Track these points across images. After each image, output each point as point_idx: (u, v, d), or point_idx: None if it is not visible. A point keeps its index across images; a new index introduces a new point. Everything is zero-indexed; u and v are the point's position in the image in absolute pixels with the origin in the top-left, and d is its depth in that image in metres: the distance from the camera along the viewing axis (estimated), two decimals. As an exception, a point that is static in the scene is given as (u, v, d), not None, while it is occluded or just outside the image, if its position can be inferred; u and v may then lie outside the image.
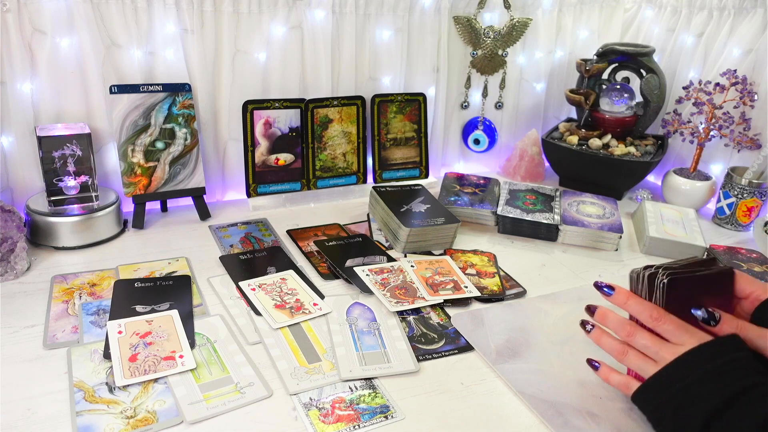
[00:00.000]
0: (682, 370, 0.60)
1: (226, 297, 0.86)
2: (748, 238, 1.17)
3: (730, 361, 0.58)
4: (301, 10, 1.14)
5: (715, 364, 0.58)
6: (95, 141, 1.05)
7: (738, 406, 0.55)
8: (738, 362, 0.58)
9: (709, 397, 0.57)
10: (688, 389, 0.58)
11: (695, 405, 0.57)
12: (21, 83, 0.98)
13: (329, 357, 0.74)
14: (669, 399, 0.59)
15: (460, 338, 0.80)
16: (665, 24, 1.41)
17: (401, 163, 1.31)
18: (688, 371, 0.59)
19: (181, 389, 0.67)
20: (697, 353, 0.60)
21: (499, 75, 1.40)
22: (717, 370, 0.58)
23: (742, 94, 1.20)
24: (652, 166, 1.28)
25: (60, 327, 0.77)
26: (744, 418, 0.54)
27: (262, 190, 1.18)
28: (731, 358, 0.58)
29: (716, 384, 0.57)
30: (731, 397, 0.55)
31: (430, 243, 1.03)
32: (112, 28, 1.01)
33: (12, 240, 0.88)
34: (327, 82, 1.21)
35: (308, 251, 1.02)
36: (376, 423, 0.64)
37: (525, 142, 1.42)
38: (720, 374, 0.57)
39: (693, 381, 0.58)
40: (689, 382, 0.58)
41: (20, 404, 0.64)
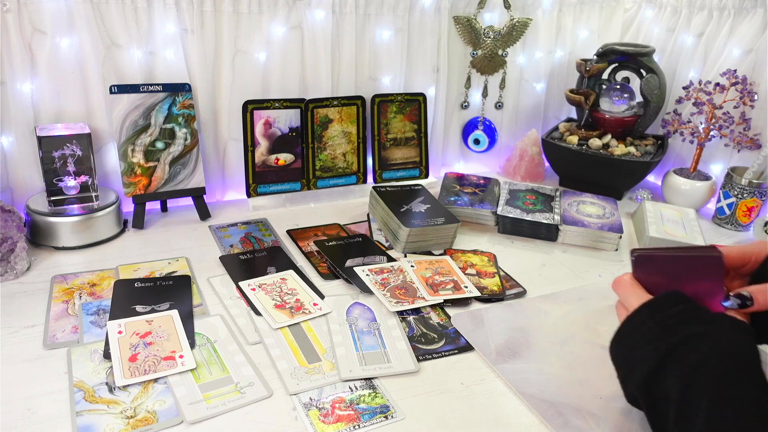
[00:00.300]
0: (624, 337, 0.61)
1: (226, 297, 0.86)
2: (748, 238, 1.17)
3: (662, 320, 0.58)
4: (301, 10, 1.14)
5: (648, 326, 0.59)
6: (95, 141, 1.05)
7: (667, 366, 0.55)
8: (671, 319, 0.58)
9: (642, 361, 0.57)
10: (630, 356, 0.59)
11: (636, 370, 0.58)
12: (21, 83, 0.98)
13: (329, 357, 0.74)
14: (619, 369, 0.61)
15: (460, 338, 0.80)
16: (665, 24, 1.41)
17: (401, 163, 1.31)
18: (627, 338, 0.61)
19: (181, 389, 0.67)
20: (631, 319, 0.61)
21: (499, 75, 1.40)
22: (650, 332, 0.58)
23: (742, 94, 1.20)
24: (652, 166, 1.28)
25: (60, 327, 0.77)
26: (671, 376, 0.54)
27: (262, 190, 1.18)
28: (663, 317, 0.58)
29: (649, 347, 0.57)
30: (660, 358, 0.56)
31: (430, 243, 1.04)
32: (112, 28, 1.01)
33: (12, 240, 0.88)
34: (327, 82, 1.21)
35: (308, 251, 1.02)
36: (376, 423, 0.64)
37: (525, 142, 1.42)
38: (654, 334, 0.58)
39: (631, 348, 0.59)
40: (630, 348, 0.60)
41: (20, 404, 0.64)
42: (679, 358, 0.55)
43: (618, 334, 0.62)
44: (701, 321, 0.57)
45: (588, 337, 0.80)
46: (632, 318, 0.61)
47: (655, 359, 0.56)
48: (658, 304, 0.60)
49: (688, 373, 0.53)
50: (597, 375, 0.72)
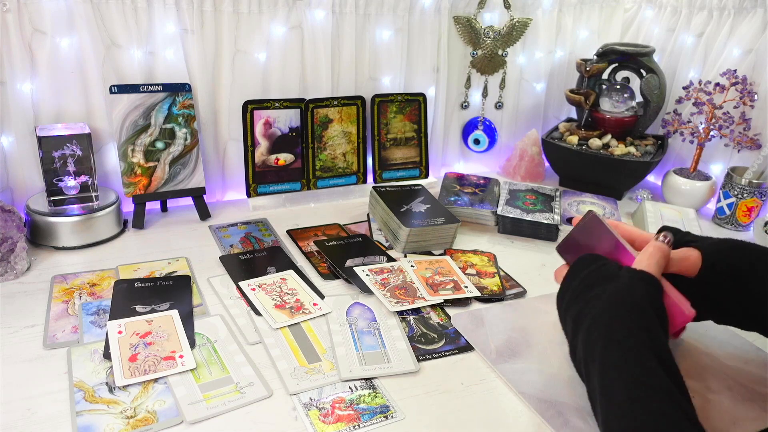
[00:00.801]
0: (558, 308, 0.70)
1: (226, 297, 0.86)
2: (748, 238, 1.17)
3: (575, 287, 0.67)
4: (301, 10, 1.14)
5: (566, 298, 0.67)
6: (95, 141, 1.05)
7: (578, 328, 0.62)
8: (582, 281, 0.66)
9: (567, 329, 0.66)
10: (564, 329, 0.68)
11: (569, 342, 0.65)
12: (21, 83, 0.98)
13: (329, 357, 0.74)
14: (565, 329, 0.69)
15: (460, 338, 0.80)
16: (665, 24, 1.41)
17: (401, 163, 1.31)
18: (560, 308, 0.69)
19: (181, 389, 0.67)
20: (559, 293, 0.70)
21: (499, 75, 1.40)
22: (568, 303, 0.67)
23: (742, 94, 1.20)
24: (652, 166, 1.28)
25: (60, 327, 0.77)
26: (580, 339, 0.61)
27: (262, 190, 1.18)
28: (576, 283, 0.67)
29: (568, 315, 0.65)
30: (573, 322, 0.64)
31: (430, 243, 1.04)
32: (112, 28, 1.01)
33: (12, 240, 0.88)
34: (327, 82, 1.21)
35: (308, 251, 1.02)
36: (376, 423, 0.64)
37: (525, 142, 1.42)
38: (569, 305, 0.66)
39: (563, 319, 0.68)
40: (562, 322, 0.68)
41: (20, 404, 0.64)
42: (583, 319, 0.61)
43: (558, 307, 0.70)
44: (606, 278, 0.64)
45: None
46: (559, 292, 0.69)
47: (572, 326, 0.63)
48: (572, 271, 0.68)
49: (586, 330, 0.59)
50: None
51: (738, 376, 0.73)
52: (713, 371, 0.74)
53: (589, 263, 0.68)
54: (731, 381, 0.73)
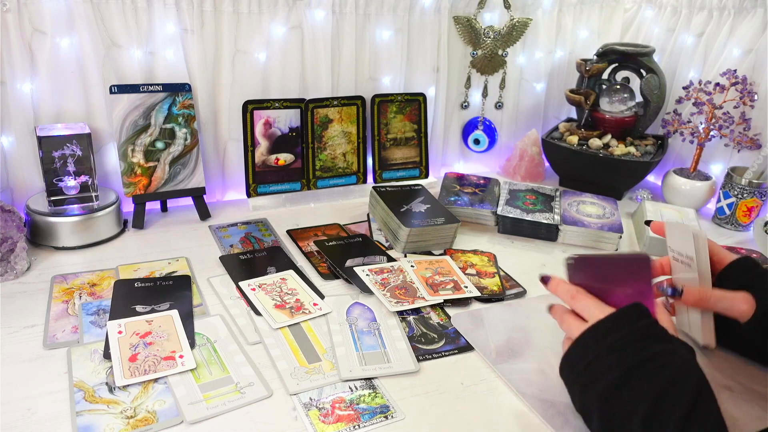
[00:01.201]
0: (585, 347, 0.61)
1: (226, 297, 0.86)
2: (748, 238, 1.17)
3: (627, 333, 0.59)
4: (301, 10, 1.14)
5: (613, 339, 0.59)
6: (95, 141, 1.05)
7: (633, 378, 0.56)
8: (636, 333, 0.59)
9: (606, 372, 0.58)
10: (589, 367, 0.60)
11: (596, 382, 0.58)
12: (21, 83, 0.98)
13: (329, 357, 0.74)
14: (577, 377, 0.61)
15: (460, 338, 0.80)
16: (665, 24, 1.41)
17: (401, 163, 1.31)
18: (589, 349, 0.61)
19: (181, 389, 0.67)
20: (596, 329, 0.61)
21: (499, 75, 1.40)
22: (614, 345, 0.59)
23: (742, 94, 1.20)
24: (652, 166, 1.28)
25: (60, 327, 0.77)
26: (638, 391, 0.55)
27: (262, 190, 1.18)
28: (629, 331, 0.59)
29: (613, 359, 0.58)
30: (627, 370, 0.56)
31: (430, 243, 1.03)
32: (112, 28, 1.01)
33: (12, 240, 0.88)
34: (327, 82, 1.21)
35: (308, 251, 1.02)
36: (376, 423, 0.64)
37: (525, 142, 1.42)
38: (617, 348, 0.58)
39: (593, 358, 0.59)
40: (591, 359, 0.60)
41: (20, 404, 0.64)
42: (646, 373, 0.56)
43: (580, 343, 0.62)
44: (663, 338, 0.59)
45: None
46: (597, 327, 0.61)
47: (621, 371, 0.57)
48: (625, 317, 0.60)
49: (660, 388, 0.54)
50: None
51: (738, 376, 0.73)
52: (713, 371, 0.74)
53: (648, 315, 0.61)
54: (731, 381, 0.73)
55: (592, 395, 0.59)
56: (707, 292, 0.70)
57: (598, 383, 0.58)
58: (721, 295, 0.70)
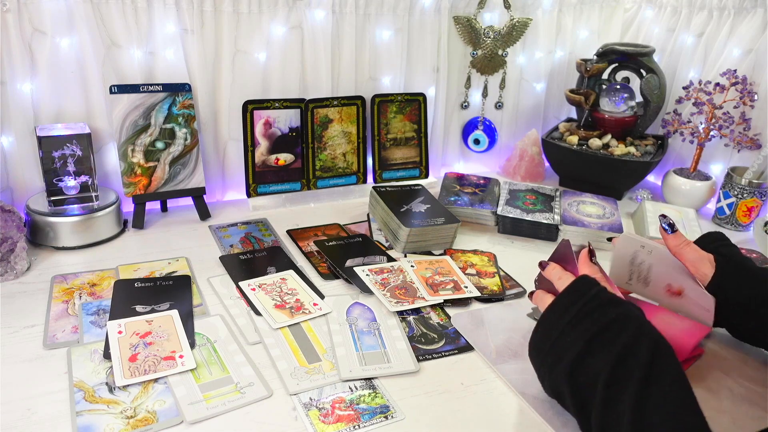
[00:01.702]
0: (548, 327, 0.64)
1: (226, 297, 0.86)
2: (748, 238, 1.17)
3: (582, 305, 0.61)
4: (301, 10, 1.14)
5: (571, 314, 0.62)
6: (95, 141, 1.05)
7: (594, 348, 0.58)
8: (590, 304, 0.61)
9: (569, 347, 0.60)
10: (554, 345, 0.62)
11: (562, 358, 0.60)
12: (21, 83, 0.98)
13: (329, 357, 0.74)
14: (544, 358, 0.63)
15: (460, 338, 0.80)
16: (665, 24, 1.41)
17: (401, 163, 1.31)
18: (552, 328, 0.63)
19: (181, 389, 0.67)
20: (554, 308, 0.64)
21: (499, 75, 1.40)
22: (572, 320, 0.61)
23: (742, 94, 1.20)
24: (652, 166, 1.28)
25: (60, 327, 0.77)
26: (599, 360, 0.57)
27: (262, 190, 1.18)
28: (583, 303, 0.61)
29: (575, 333, 0.60)
30: (587, 341, 0.59)
31: (430, 243, 1.03)
32: (112, 28, 1.01)
33: (12, 240, 0.88)
34: (327, 82, 1.21)
35: (308, 251, 1.02)
36: (376, 423, 0.64)
37: (525, 142, 1.42)
38: (576, 322, 0.61)
39: (557, 336, 0.62)
40: (555, 338, 0.62)
41: (20, 404, 0.64)
42: (607, 339, 0.58)
43: (541, 325, 0.64)
44: (615, 302, 0.61)
45: None
46: (554, 306, 0.64)
47: (583, 343, 0.59)
48: (576, 290, 0.63)
49: (617, 354, 0.56)
50: None
51: (738, 377, 0.73)
52: (713, 371, 0.74)
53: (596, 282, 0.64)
54: (731, 381, 0.73)
55: (559, 372, 0.60)
56: (688, 240, 0.76)
57: (563, 359, 0.60)
58: (696, 248, 0.75)
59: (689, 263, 0.75)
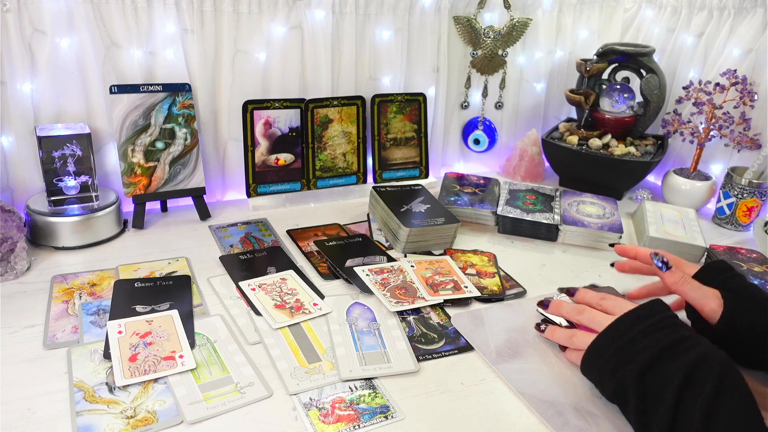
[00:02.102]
0: (616, 333, 0.67)
1: (226, 297, 0.86)
2: (748, 238, 1.17)
3: (657, 321, 0.65)
4: (301, 10, 1.14)
5: (645, 324, 0.65)
6: (95, 141, 1.05)
7: (667, 356, 0.61)
8: (664, 321, 0.65)
9: (641, 352, 0.63)
10: (622, 349, 0.65)
11: (630, 362, 0.63)
12: (21, 83, 0.98)
13: (329, 357, 0.74)
14: (607, 360, 0.65)
15: (460, 338, 0.80)
16: (665, 24, 1.41)
17: (401, 163, 1.31)
18: (621, 334, 0.66)
19: (181, 389, 0.67)
20: (627, 318, 0.67)
21: (499, 75, 1.40)
22: (646, 330, 0.65)
23: (742, 94, 1.20)
24: (652, 166, 1.28)
25: (60, 327, 0.77)
26: (672, 366, 0.60)
27: (262, 190, 1.18)
28: (658, 318, 0.65)
29: (647, 341, 0.63)
30: (661, 349, 0.62)
31: (430, 243, 1.04)
32: (112, 28, 1.01)
33: (12, 240, 0.88)
34: (327, 82, 1.21)
35: (308, 251, 1.02)
36: (376, 423, 0.64)
37: (525, 142, 1.42)
38: (649, 333, 0.64)
39: (626, 341, 0.65)
40: (623, 343, 0.65)
41: (20, 404, 0.64)
42: (681, 351, 0.61)
43: (612, 330, 0.67)
44: (686, 326, 0.65)
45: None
46: (628, 316, 0.67)
47: (656, 350, 0.62)
48: (650, 309, 0.67)
49: (690, 362, 0.59)
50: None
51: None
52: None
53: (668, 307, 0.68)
54: (731, 381, 0.72)
55: (626, 375, 0.62)
56: (687, 277, 0.74)
57: (632, 363, 0.62)
58: (698, 285, 0.73)
59: (693, 301, 0.73)
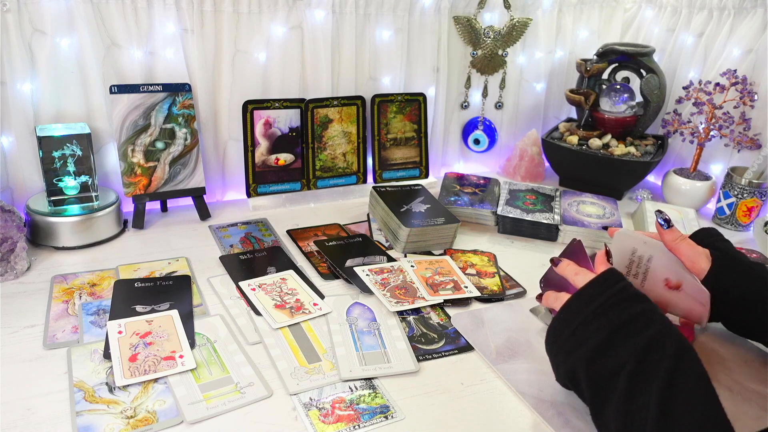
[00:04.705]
0: (570, 315, 0.64)
1: (226, 297, 0.86)
2: (748, 238, 1.17)
3: (609, 297, 0.62)
4: (301, 10, 1.14)
5: (596, 303, 0.62)
6: (95, 141, 1.05)
7: (616, 340, 0.59)
8: (617, 296, 0.62)
9: (591, 336, 0.60)
10: (575, 333, 0.62)
11: (582, 346, 0.61)
12: (21, 83, 0.98)
13: (329, 357, 0.74)
14: (562, 345, 0.63)
15: (460, 338, 0.80)
16: (665, 24, 1.41)
17: (401, 163, 1.31)
18: (574, 316, 0.63)
19: (181, 389, 0.67)
20: (579, 297, 0.64)
21: (499, 75, 1.40)
22: (597, 310, 0.61)
23: (742, 94, 1.20)
24: (652, 166, 1.28)
25: (60, 327, 0.77)
26: (623, 351, 0.57)
27: (262, 190, 1.18)
28: (610, 294, 0.62)
29: (598, 323, 0.61)
30: (611, 331, 0.59)
31: (430, 243, 1.03)
32: (112, 28, 1.01)
33: (12, 240, 0.88)
34: (327, 82, 1.21)
35: (308, 251, 1.02)
36: (376, 423, 0.64)
37: (525, 142, 1.42)
38: (600, 312, 0.61)
39: (579, 324, 0.62)
40: (576, 326, 0.62)
41: (20, 404, 0.64)
42: (630, 332, 0.58)
43: (563, 312, 0.65)
44: (641, 298, 0.62)
45: None
46: (579, 295, 0.64)
47: (606, 332, 0.59)
48: (603, 282, 0.64)
49: (643, 346, 0.57)
50: None
51: (738, 376, 0.73)
52: (713, 370, 0.74)
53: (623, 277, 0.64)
54: (731, 381, 0.73)
55: (577, 359, 0.61)
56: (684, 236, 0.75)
57: (583, 347, 0.60)
58: (692, 244, 0.75)
59: (685, 258, 0.75)
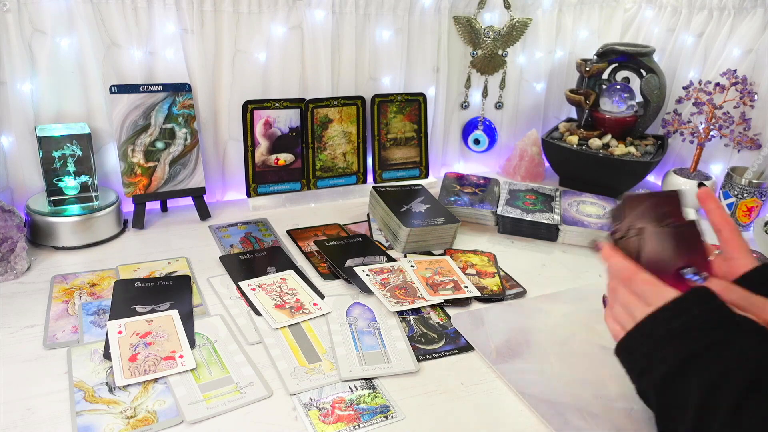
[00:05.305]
0: (643, 334, 0.59)
1: (226, 297, 0.86)
2: (749, 238, 1.17)
3: (690, 319, 0.56)
4: (301, 10, 1.14)
5: (673, 325, 0.56)
6: (95, 141, 1.05)
7: (687, 370, 0.54)
8: (700, 318, 0.56)
9: (662, 361, 0.56)
10: (649, 353, 0.57)
11: (655, 369, 0.56)
12: (21, 83, 0.98)
13: (329, 357, 0.74)
14: (635, 363, 0.59)
15: (460, 338, 0.80)
16: (665, 24, 1.41)
17: (401, 163, 1.31)
18: (648, 335, 0.58)
19: (181, 389, 0.67)
20: (657, 316, 0.58)
21: (499, 75, 1.40)
22: (674, 332, 0.56)
23: (742, 94, 1.20)
24: (652, 166, 1.28)
25: (60, 327, 0.77)
26: (690, 384, 0.53)
27: (262, 190, 1.18)
28: (692, 316, 0.56)
29: (671, 348, 0.55)
30: (682, 360, 0.54)
31: (430, 243, 1.03)
32: (112, 28, 1.01)
33: (12, 240, 0.88)
34: (327, 82, 1.21)
35: (308, 251, 1.02)
36: (376, 423, 0.64)
37: (525, 142, 1.42)
38: (676, 335, 0.56)
39: (655, 344, 0.57)
40: (651, 345, 0.57)
41: (20, 404, 0.64)
42: (702, 365, 0.53)
43: (639, 330, 0.59)
44: (725, 324, 0.55)
45: (588, 337, 0.80)
46: (656, 315, 0.58)
47: (677, 361, 0.54)
48: (685, 303, 0.57)
49: (709, 382, 0.52)
50: (597, 375, 0.72)
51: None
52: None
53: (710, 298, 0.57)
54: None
55: (648, 383, 0.58)
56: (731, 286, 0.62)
57: (654, 371, 0.56)
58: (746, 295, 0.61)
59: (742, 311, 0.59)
